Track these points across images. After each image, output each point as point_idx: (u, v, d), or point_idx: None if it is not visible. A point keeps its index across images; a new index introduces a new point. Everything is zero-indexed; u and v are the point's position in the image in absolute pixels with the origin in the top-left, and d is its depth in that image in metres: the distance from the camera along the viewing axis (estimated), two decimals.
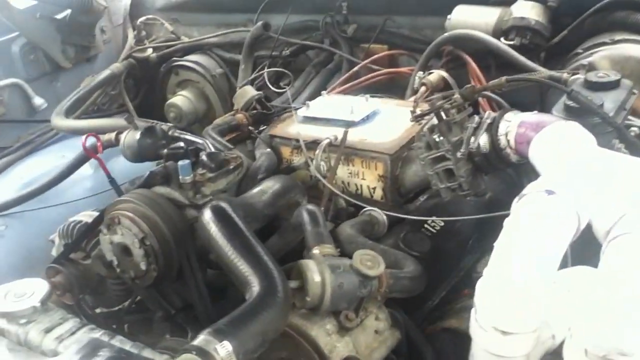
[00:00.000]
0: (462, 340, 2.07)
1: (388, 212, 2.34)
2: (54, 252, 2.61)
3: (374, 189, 2.47)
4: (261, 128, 2.97)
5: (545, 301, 1.48)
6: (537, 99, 3.00)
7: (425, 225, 2.41)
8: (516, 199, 1.66)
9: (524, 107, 2.21)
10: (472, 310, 1.58)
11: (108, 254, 2.21)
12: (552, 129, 1.81)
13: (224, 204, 1.97)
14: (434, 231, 2.40)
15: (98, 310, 2.52)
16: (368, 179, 2.46)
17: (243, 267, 1.73)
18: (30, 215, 3.29)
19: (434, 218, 2.40)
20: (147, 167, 2.60)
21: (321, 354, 1.84)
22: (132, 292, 2.42)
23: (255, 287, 1.66)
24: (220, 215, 1.91)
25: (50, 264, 2.40)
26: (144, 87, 4.68)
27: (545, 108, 2.76)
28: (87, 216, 2.52)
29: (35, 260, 3.12)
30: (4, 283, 2.65)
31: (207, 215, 1.92)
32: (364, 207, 2.38)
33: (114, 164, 3.32)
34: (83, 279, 2.38)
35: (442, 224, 2.41)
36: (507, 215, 2.15)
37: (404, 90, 3.25)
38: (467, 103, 2.11)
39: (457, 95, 2.09)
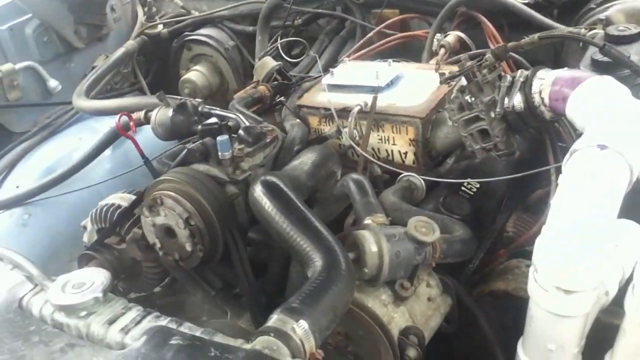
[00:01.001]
0: (508, 303, 2.08)
1: (425, 177, 2.31)
2: (85, 238, 2.59)
3: (406, 153, 2.44)
4: (278, 99, 2.97)
5: (605, 257, 1.46)
6: (552, 56, 3.04)
7: (462, 188, 2.39)
8: (567, 155, 1.65)
9: (537, 65, 2.21)
10: (531, 271, 1.56)
11: (150, 236, 2.19)
12: (590, 84, 1.82)
13: (274, 178, 1.94)
14: (472, 193, 2.38)
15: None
16: (399, 144, 2.44)
17: (303, 242, 1.71)
18: (53, 201, 3.26)
19: (471, 180, 2.39)
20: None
21: (381, 325, 1.83)
22: (167, 274, 2.41)
23: (318, 262, 1.64)
24: (273, 190, 1.89)
25: (85, 251, 2.37)
26: (155, 64, 4.63)
27: (559, 65, 2.77)
28: (119, 199, 2.49)
29: (61, 246, 3.13)
30: None
31: (259, 190, 1.89)
32: (397, 173, 2.36)
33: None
34: (118, 265, 2.36)
35: (478, 185, 2.39)
36: (539, 173, 2.17)
37: (417, 54, 3.25)
38: (498, 62, 2.10)
39: (488, 55, 2.08)
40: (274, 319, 1.44)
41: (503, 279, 2.18)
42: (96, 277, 1.62)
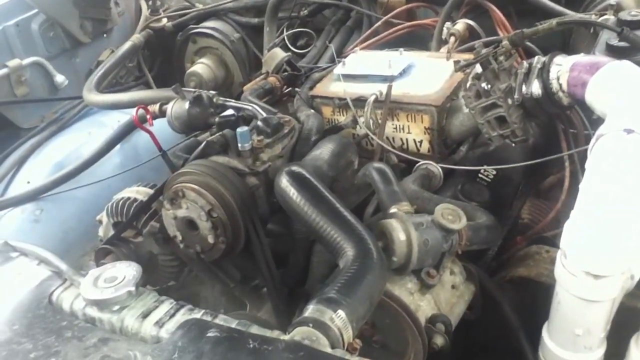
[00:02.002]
0: (529, 289, 2.08)
1: (443, 165, 2.32)
2: (101, 232, 2.59)
3: (421, 142, 2.45)
4: (288, 90, 2.97)
5: (635, 241, 1.47)
6: (558, 43, 3.03)
7: (479, 175, 2.40)
8: (593, 140, 1.65)
9: (545, 52, 2.22)
10: (558, 255, 1.56)
11: (171, 229, 2.18)
12: (610, 69, 1.83)
13: (299, 168, 1.94)
14: (489, 180, 2.39)
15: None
16: (414, 132, 2.44)
17: (333, 232, 1.70)
18: (65, 196, 3.25)
19: (487, 167, 2.38)
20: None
21: (409, 314, 1.83)
22: (184, 267, 2.40)
23: (349, 251, 1.64)
24: (299, 180, 1.89)
25: (102, 245, 2.37)
26: (159, 58, 4.62)
27: (568, 52, 2.78)
28: (134, 192, 2.50)
29: (73, 241, 3.13)
30: None
31: (285, 180, 1.89)
32: (413, 162, 2.36)
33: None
34: (134, 259, 2.35)
35: (494, 172, 2.39)
36: (549, 161, 2.18)
37: (423, 43, 3.26)
38: (514, 49, 2.10)
39: (505, 42, 2.08)
40: (312, 309, 1.44)
41: (524, 265, 2.18)
42: (127, 271, 1.61)
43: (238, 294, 2.34)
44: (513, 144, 2.19)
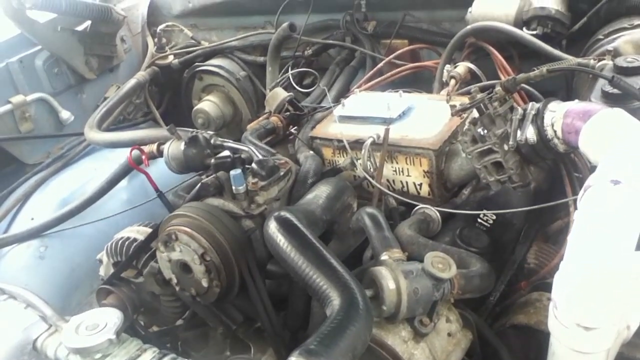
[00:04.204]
0: (531, 336, 2.06)
1: (441, 209, 2.30)
2: (102, 272, 2.57)
3: (420, 185, 2.44)
4: (293, 128, 2.96)
5: (625, 292, 1.45)
6: (563, 85, 3.02)
7: (479, 220, 2.37)
8: (582, 191, 1.63)
9: (550, 94, 2.21)
10: (551, 306, 1.54)
11: (166, 272, 2.17)
12: (601, 117, 1.81)
13: (288, 214, 1.91)
14: (488, 225, 2.36)
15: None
16: (413, 175, 2.43)
17: (319, 280, 1.68)
18: (70, 233, 3.24)
19: (487, 212, 2.37)
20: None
21: None
22: (187, 308, 2.39)
23: (335, 301, 1.61)
24: (287, 226, 1.86)
25: (102, 285, 2.36)
26: (167, 94, 4.65)
27: (571, 94, 2.82)
28: (134, 232, 2.48)
29: (78, 279, 3.11)
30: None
31: (273, 226, 1.87)
32: (413, 205, 2.34)
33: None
34: (136, 298, 2.34)
35: (494, 216, 2.37)
36: (556, 205, 2.16)
37: (428, 83, 3.26)
38: (508, 95, 2.09)
39: (498, 88, 2.08)
40: None
41: (524, 312, 2.15)
42: (109, 318, 1.60)
43: (241, 336, 2.30)
44: (513, 188, 2.17)
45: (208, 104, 4.18)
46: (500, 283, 2.29)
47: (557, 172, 2.34)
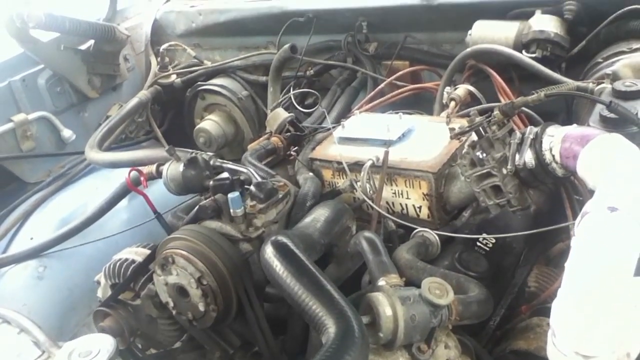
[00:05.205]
0: None
1: (440, 232, 2.28)
2: (100, 294, 2.56)
3: (420, 207, 2.43)
4: (293, 149, 2.96)
5: (624, 319, 1.43)
6: (563, 107, 3.03)
7: (478, 243, 2.36)
8: (578, 218, 1.62)
9: (550, 116, 2.19)
10: (549, 334, 1.52)
11: (163, 295, 2.15)
12: (598, 143, 1.80)
13: (284, 239, 1.90)
14: (488, 248, 2.35)
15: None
16: (413, 198, 2.42)
17: (315, 306, 1.66)
18: (69, 253, 3.22)
19: (486, 236, 2.35)
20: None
21: None
22: (185, 331, 2.37)
23: (331, 328, 1.60)
24: (283, 251, 1.84)
25: (99, 307, 2.34)
26: (170, 113, 4.67)
27: (571, 117, 2.83)
28: (133, 253, 2.47)
29: (77, 299, 3.10)
30: (48, 326, 2.60)
31: (269, 251, 1.85)
32: (412, 228, 2.33)
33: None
34: (133, 321, 2.33)
35: (494, 240, 2.36)
36: (556, 229, 2.15)
37: (429, 104, 3.27)
38: (506, 119, 2.09)
39: (497, 112, 2.07)
40: None
41: (525, 338, 2.13)
42: (102, 345, 1.57)
43: None
44: (513, 212, 2.16)
45: (210, 123, 4.19)
46: (500, 307, 2.27)
47: (558, 194, 2.34)
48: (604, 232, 1.52)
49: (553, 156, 1.94)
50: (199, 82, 4.37)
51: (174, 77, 4.45)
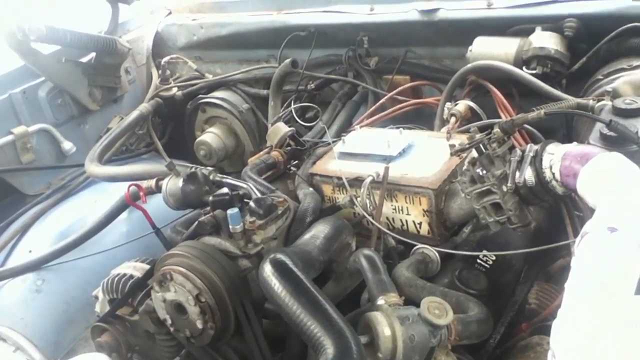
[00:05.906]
0: None
1: (440, 249, 2.28)
2: (98, 308, 2.55)
3: (420, 224, 2.42)
4: (293, 163, 2.98)
5: (625, 340, 1.42)
6: (563, 123, 3.04)
7: (478, 260, 2.35)
8: (578, 238, 1.61)
9: (550, 132, 2.18)
10: (549, 355, 1.51)
11: (161, 312, 2.14)
12: (598, 161, 1.81)
13: (283, 257, 1.89)
14: (488, 266, 2.34)
15: None
16: (413, 214, 2.42)
17: (313, 326, 1.65)
18: (67, 266, 3.18)
19: (486, 253, 2.34)
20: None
21: None
22: (183, 347, 2.35)
23: (329, 349, 1.59)
24: (282, 270, 1.84)
25: (96, 323, 2.33)
26: (170, 125, 4.65)
27: (571, 133, 2.83)
28: (131, 268, 2.46)
29: (75, 313, 3.06)
30: (45, 340, 2.59)
31: (268, 269, 1.85)
32: (412, 244, 2.32)
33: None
34: (131, 337, 2.31)
35: (494, 256, 2.35)
36: (557, 247, 2.14)
37: (429, 119, 3.27)
38: (506, 136, 2.08)
39: (497, 129, 2.07)
40: None
41: (525, 357, 2.12)
42: None
43: None
44: (513, 229, 2.15)
45: (210, 136, 4.18)
46: (500, 325, 2.26)
47: (558, 210, 2.34)
48: (604, 252, 1.51)
49: (553, 174, 1.94)
50: (200, 95, 4.36)
51: (175, 89, 4.44)
